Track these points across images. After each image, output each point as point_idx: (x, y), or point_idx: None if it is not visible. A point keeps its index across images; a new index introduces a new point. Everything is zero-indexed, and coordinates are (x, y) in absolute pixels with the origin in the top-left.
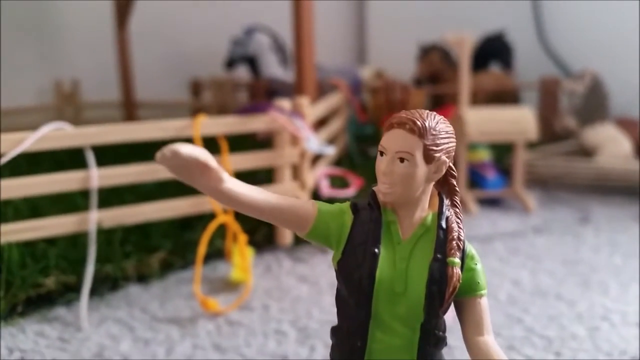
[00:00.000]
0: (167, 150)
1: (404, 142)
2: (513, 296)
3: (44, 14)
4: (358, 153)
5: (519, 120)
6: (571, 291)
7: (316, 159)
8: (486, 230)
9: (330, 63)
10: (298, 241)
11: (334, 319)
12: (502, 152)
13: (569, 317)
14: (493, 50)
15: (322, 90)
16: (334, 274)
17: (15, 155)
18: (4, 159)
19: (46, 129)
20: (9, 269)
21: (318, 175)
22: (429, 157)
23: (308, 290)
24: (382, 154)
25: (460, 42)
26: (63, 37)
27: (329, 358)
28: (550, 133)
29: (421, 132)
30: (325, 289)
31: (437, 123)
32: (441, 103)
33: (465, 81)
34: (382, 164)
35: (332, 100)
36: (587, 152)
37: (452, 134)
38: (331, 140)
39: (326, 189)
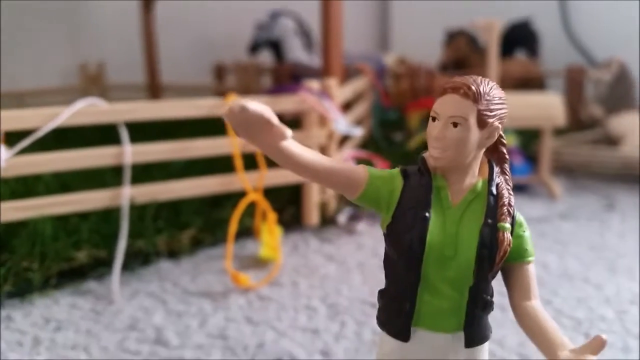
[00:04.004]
0: (235, 105)
1: (458, 107)
2: (541, 278)
3: None
4: (382, 138)
5: (546, 106)
6: (598, 275)
7: (343, 140)
8: None
9: (354, 49)
10: (324, 222)
11: (364, 297)
12: (529, 138)
13: (597, 300)
14: (519, 38)
15: (347, 75)
16: (361, 254)
17: (49, 130)
18: (40, 133)
19: (80, 104)
20: (43, 241)
21: (345, 157)
22: (482, 122)
23: (336, 269)
24: (434, 119)
25: (489, 27)
26: (89, 19)
27: (359, 333)
28: (577, 121)
29: (475, 97)
30: (353, 269)
31: (491, 89)
32: None
33: (494, 66)
34: (434, 129)
35: (358, 84)
36: (612, 141)
37: (504, 100)
38: (356, 124)
39: None
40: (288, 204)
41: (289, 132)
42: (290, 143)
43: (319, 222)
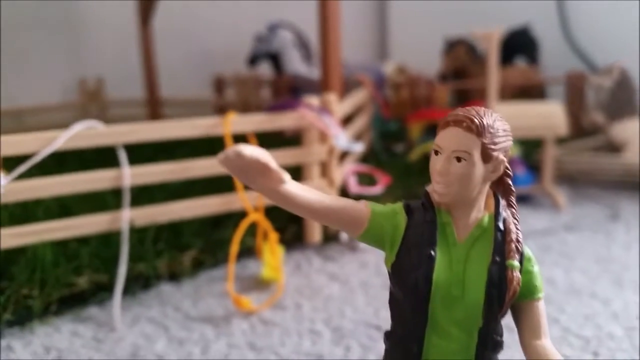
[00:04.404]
0: (230, 151)
1: (462, 141)
2: (548, 295)
3: (68, 11)
4: (383, 150)
5: (548, 116)
6: (605, 290)
7: (343, 156)
8: None
9: (353, 59)
10: (327, 239)
11: (368, 319)
12: (530, 148)
13: (605, 316)
14: (518, 45)
15: (346, 86)
16: (364, 273)
17: (47, 154)
18: (38, 157)
19: (78, 127)
20: (43, 267)
21: (346, 173)
22: (487, 156)
23: (339, 289)
24: (437, 153)
25: (489, 37)
26: (87, 35)
27: (364, 357)
28: (578, 128)
29: (479, 130)
30: (356, 288)
31: (495, 121)
32: (466, 98)
33: (494, 76)
34: (437, 164)
35: (358, 97)
36: (615, 148)
37: (508, 131)
38: (357, 137)
39: (354, 186)
40: (289, 222)
41: (287, 175)
42: (289, 185)
43: (322, 239)
